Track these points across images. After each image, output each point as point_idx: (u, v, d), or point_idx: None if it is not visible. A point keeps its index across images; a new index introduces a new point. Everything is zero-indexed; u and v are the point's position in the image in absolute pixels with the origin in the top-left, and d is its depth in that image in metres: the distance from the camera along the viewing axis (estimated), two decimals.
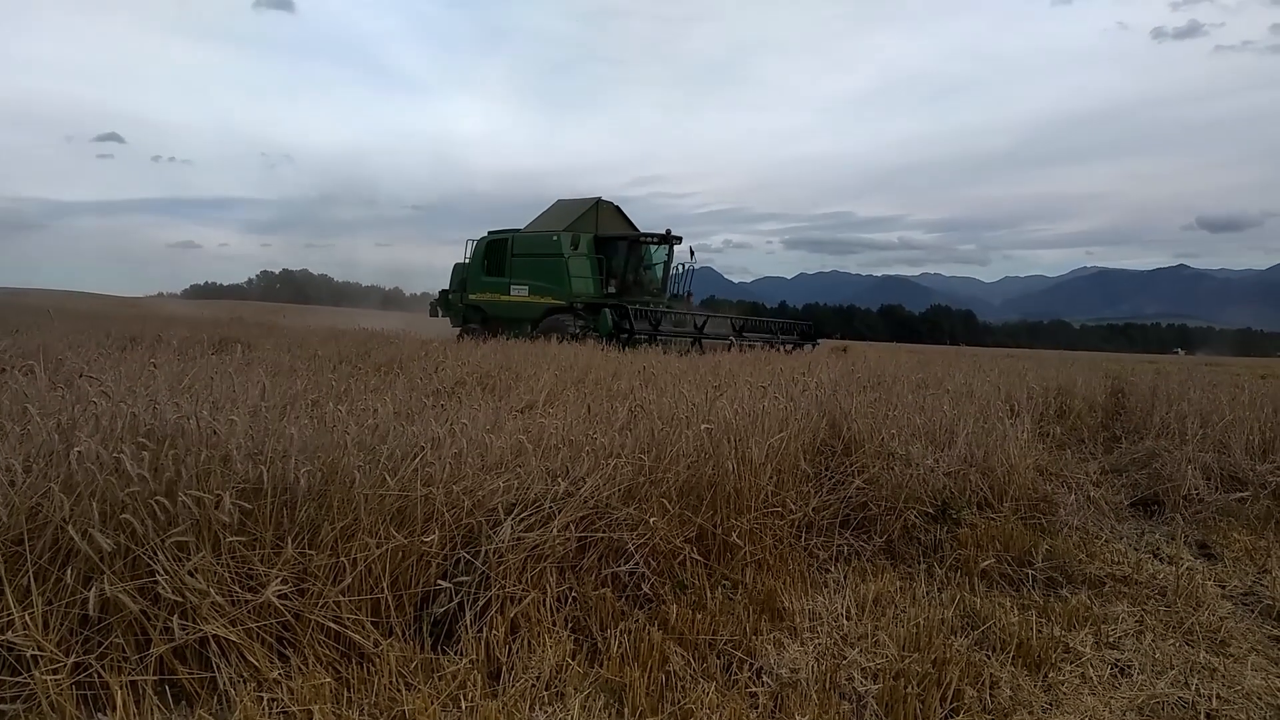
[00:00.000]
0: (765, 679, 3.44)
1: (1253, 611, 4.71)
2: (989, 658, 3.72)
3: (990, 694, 3.43)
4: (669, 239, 22.71)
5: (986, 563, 4.94)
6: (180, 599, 3.05)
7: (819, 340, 24.53)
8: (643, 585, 4.10)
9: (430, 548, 3.61)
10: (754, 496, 4.90)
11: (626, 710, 3.12)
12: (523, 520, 3.80)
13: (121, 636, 3.02)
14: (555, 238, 22.16)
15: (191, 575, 3.09)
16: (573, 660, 3.41)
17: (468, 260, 24.52)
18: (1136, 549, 5.66)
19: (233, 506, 3.25)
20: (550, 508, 3.93)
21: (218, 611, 3.12)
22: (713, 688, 3.27)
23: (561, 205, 24.78)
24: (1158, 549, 5.70)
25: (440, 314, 26.14)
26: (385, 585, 3.51)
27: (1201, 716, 3.43)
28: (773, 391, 6.26)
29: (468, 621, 3.53)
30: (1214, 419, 8.37)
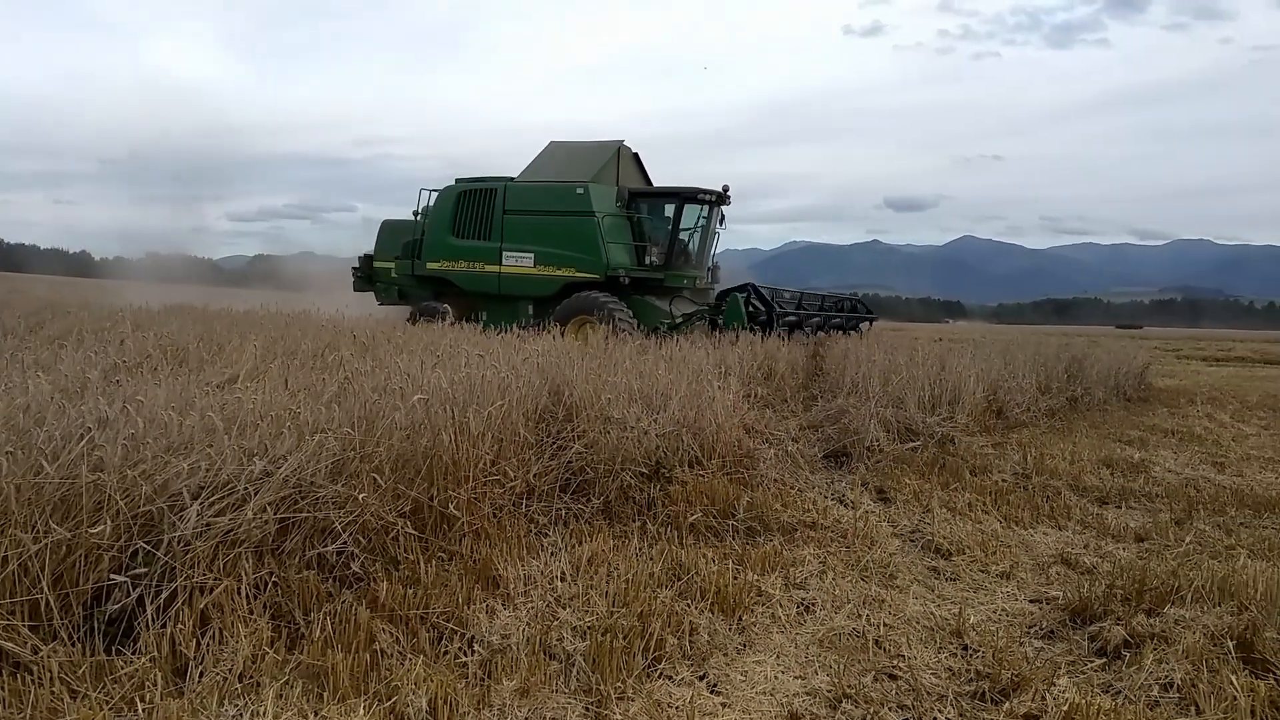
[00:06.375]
0: (476, 648, 3.43)
1: (917, 546, 5.35)
2: (690, 606, 3.94)
3: (690, 640, 3.64)
4: (724, 198, 17.42)
5: (694, 517, 5.23)
6: None
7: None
8: (352, 564, 3.95)
9: (101, 539, 3.25)
10: (473, 466, 4.86)
11: (327, 695, 2.99)
12: (212, 504, 3.51)
13: None
14: (581, 190, 16.51)
15: None
16: (270, 648, 3.22)
17: (419, 217, 18.42)
18: (825, 497, 6.24)
19: None
20: (245, 489, 3.66)
21: None
22: (420, 662, 3.21)
23: (564, 149, 18.65)
24: (843, 496, 6.32)
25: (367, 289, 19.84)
26: (46, 585, 3.12)
27: (871, 643, 3.83)
28: (491, 360, 6.22)
29: (149, 617, 3.23)
30: (893, 378, 9.38)
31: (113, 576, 3.26)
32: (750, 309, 14.69)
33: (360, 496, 4.05)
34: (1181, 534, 5.70)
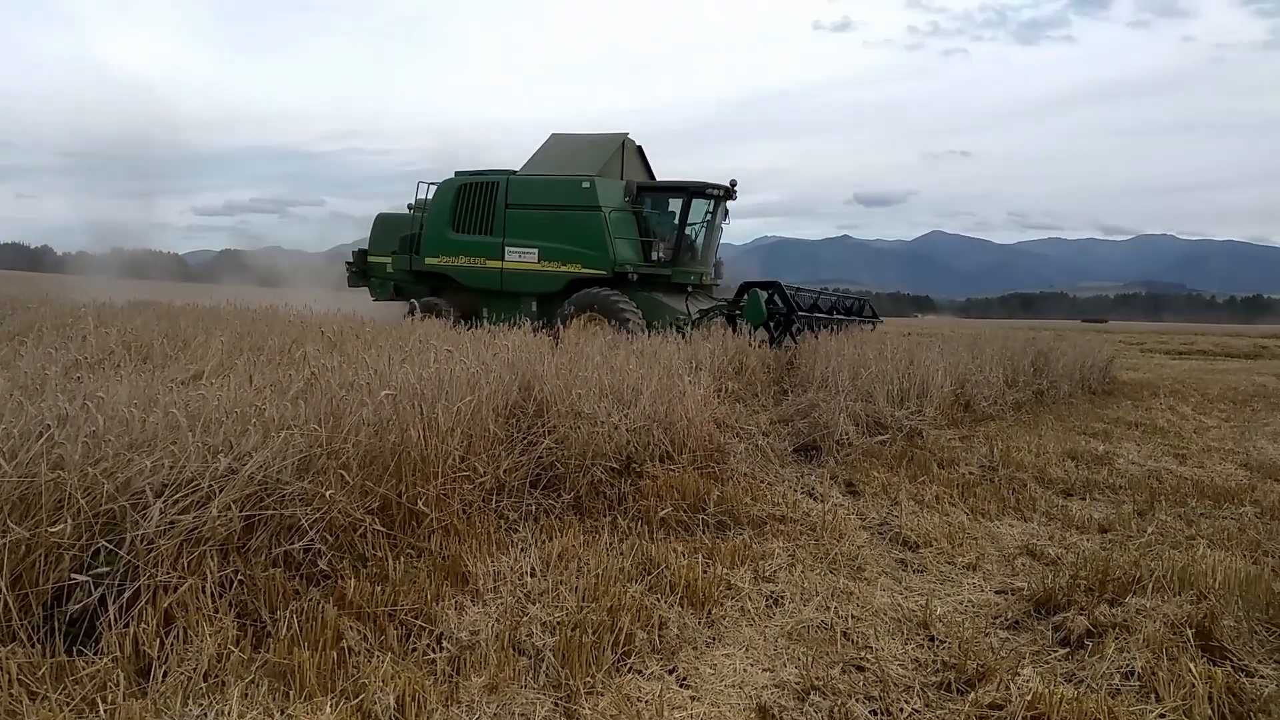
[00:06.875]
0: (445, 644, 3.42)
1: (885, 539, 5.39)
2: (660, 600, 3.95)
3: (659, 634, 3.64)
4: (731, 193, 17.18)
5: (665, 511, 5.24)
6: None
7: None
8: (319, 561, 3.92)
9: (61, 538, 3.20)
10: (441, 462, 4.83)
11: (294, 693, 2.97)
12: (176, 502, 3.47)
13: None
14: (587, 184, 16.13)
15: None
16: (235, 647, 3.19)
17: (416, 210, 17.96)
18: (795, 490, 6.27)
19: None
20: (210, 486, 3.61)
21: None
22: (388, 659, 3.20)
23: (566, 142, 18.16)
24: (813, 489, 6.36)
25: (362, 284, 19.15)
26: (4, 585, 3.07)
27: (839, 635, 3.87)
28: (460, 355, 6.18)
29: (111, 617, 3.19)
30: (863, 372, 9.43)
31: (74, 576, 3.21)
32: (769, 306, 14.26)
33: (327, 493, 4.01)
34: (1144, 525, 5.79)
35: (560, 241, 16.20)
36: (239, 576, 3.61)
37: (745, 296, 14.48)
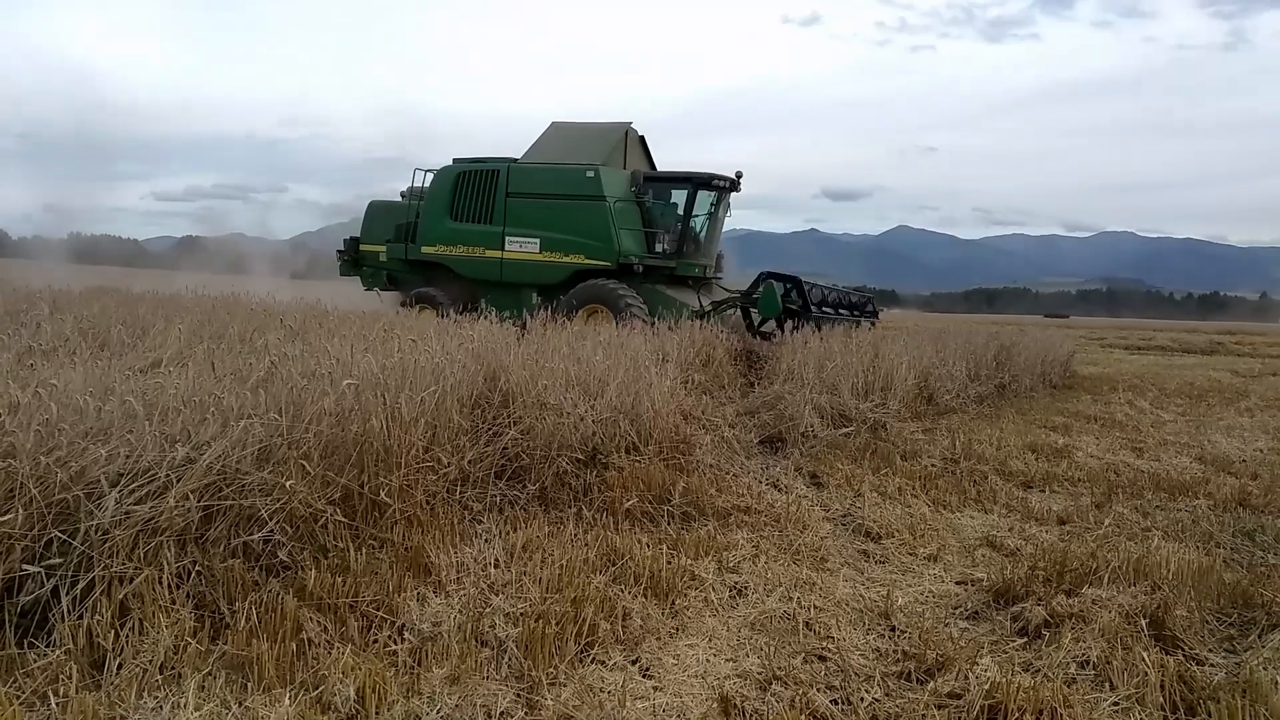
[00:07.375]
0: (407, 636, 3.40)
1: (848, 530, 5.44)
2: (624, 591, 3.96)
3: (622, 625, 3.65)
4: (736, 185, 16.86)
5: (630, 503, 5.24)
6: None
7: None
8: (279, 552, 3.87)
9: (12, 529, 3.13)
10: (405, 453, 4.78)
11: (252, 685, 2.93)
12: (132, 491, 3.41)
13: None
14: (592, 174, 15.71)
15: None
16: (193, 638, 3.14)
17: (412, 199, 17.40)
18: (760, 482, 6.30)
19: None
20: (167, 476, 3.56)
21: None
22: (348, 650, 3.16)
23: (568, 130, 17.75)
24: (777, 481, 6.40)
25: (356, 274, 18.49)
26: None
27: (801, 625, 3.89)
28: (425, 345, 6.13)
29: (64, 609, 3.14)
30: (828, 365, 9.49)
31: (25, 567, 3.15)
32: (785, 300, 13.60)
33: (287, 483, 3.96)
34: (1101, 517, 5.89)
35: (563, 232, 15.84)
36: (197, 567, 3.56)
37: (761, 287, 13.88)
